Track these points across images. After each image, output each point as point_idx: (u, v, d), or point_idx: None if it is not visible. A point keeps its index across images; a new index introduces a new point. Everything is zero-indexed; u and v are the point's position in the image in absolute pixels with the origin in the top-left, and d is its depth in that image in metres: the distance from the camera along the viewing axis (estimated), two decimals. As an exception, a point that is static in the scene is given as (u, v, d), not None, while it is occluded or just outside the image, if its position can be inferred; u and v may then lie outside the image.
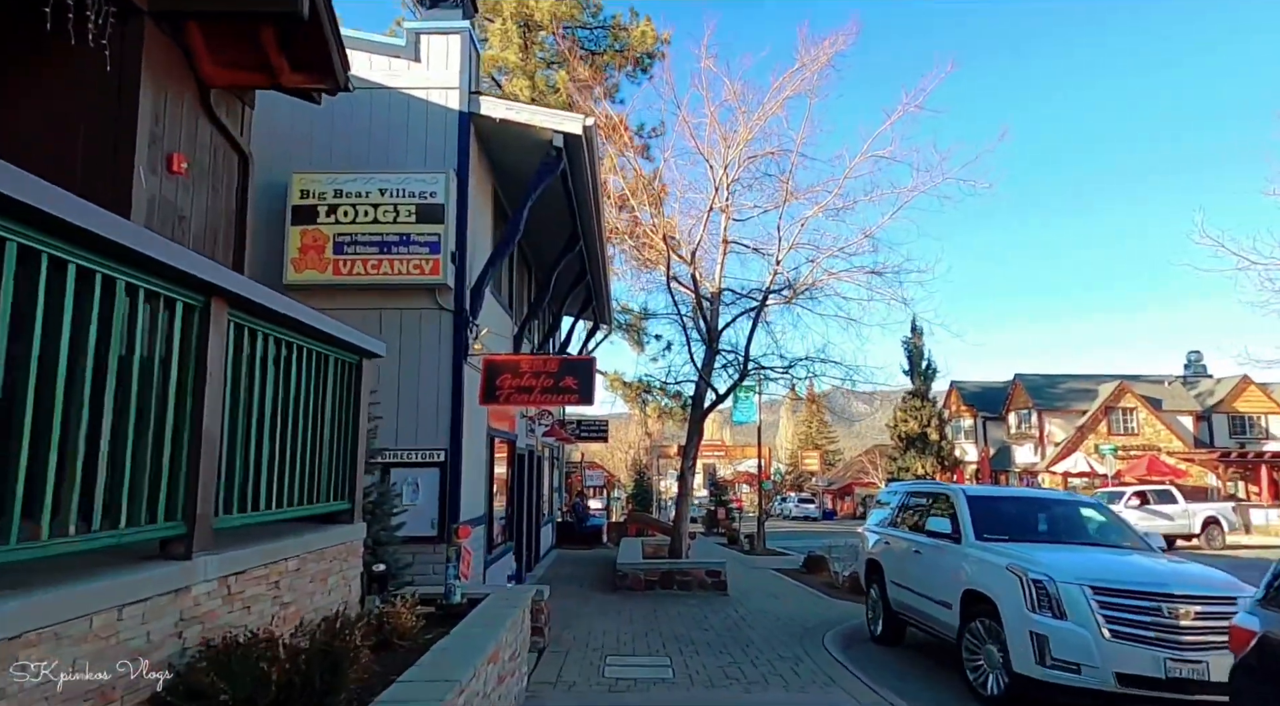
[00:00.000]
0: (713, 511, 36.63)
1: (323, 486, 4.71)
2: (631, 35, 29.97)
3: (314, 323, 4.35)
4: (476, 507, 9.26)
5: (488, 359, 8.45)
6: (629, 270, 20.17)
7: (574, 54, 24.94)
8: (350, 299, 8.35)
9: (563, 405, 8.70)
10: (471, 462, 9.01)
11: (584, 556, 17.79)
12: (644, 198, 15.53)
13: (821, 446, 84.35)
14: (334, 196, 8.19)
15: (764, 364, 13.62)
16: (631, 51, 29.46)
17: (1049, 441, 35.60)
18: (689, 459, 13.85)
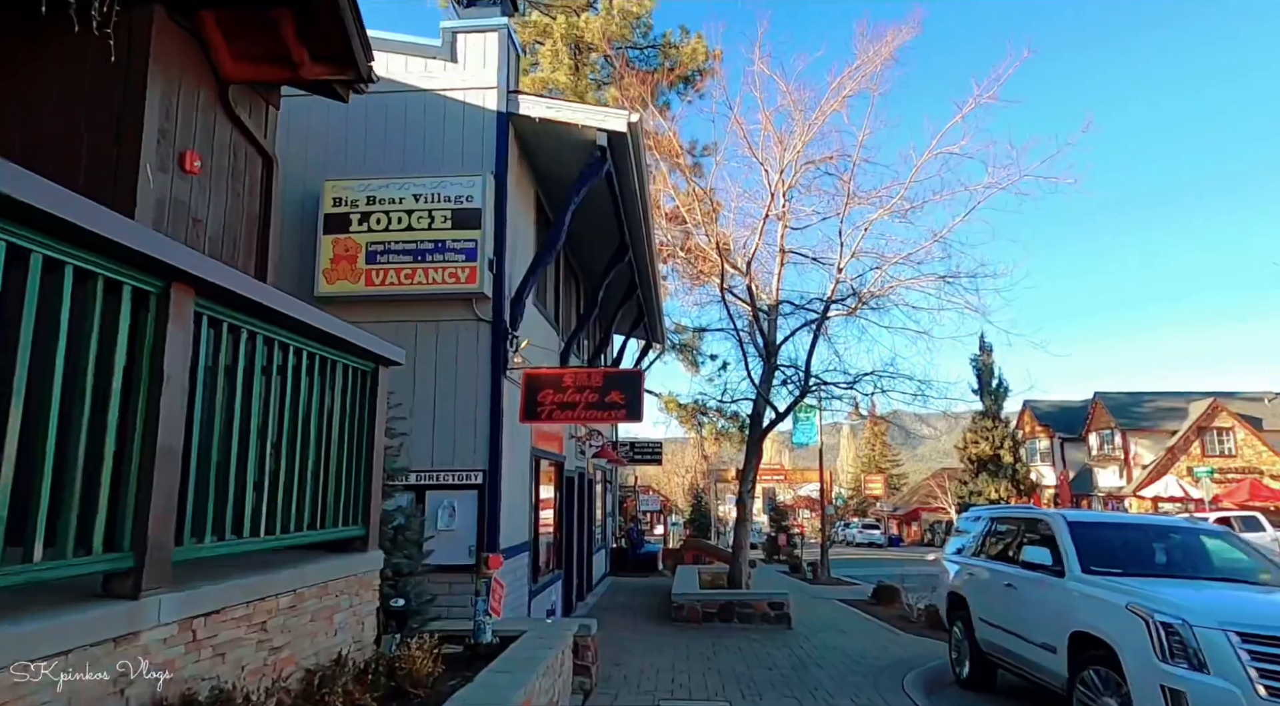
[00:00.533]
0: (773, 537, 35.31)
1: (329, 510, 4.14)
2: (681, 53, 29.65)
3: (315, 322, 3.81)
4: (519, 533, 8.64)
5: (528, 373, 7.88)
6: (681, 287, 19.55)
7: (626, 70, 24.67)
8: (383, 311, 7.90)
9: (610, 422, 8.07)
10: (513, 485, 8.42)
11: (638, 584, 17.01)
12: (697, 213, 14.92)
13: (885, 470, 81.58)
14: (366, 203, 7.79)
15: (826, 380, 12.74)
16: (682, 68, 29.09)
17: (1135, 463, 33.26)
18: (748, 482, 13.02)
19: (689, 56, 29.13)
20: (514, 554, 8.41)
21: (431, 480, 7.63)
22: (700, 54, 28.88)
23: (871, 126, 12.36)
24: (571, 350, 11.72)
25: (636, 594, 15.44)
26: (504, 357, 7.87)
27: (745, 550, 13.28)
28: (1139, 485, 31.49)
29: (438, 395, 7.80)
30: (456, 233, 7.71)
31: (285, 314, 3.54)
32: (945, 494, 40.94)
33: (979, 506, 10.04)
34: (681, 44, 30.15)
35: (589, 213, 10.83)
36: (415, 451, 7.68)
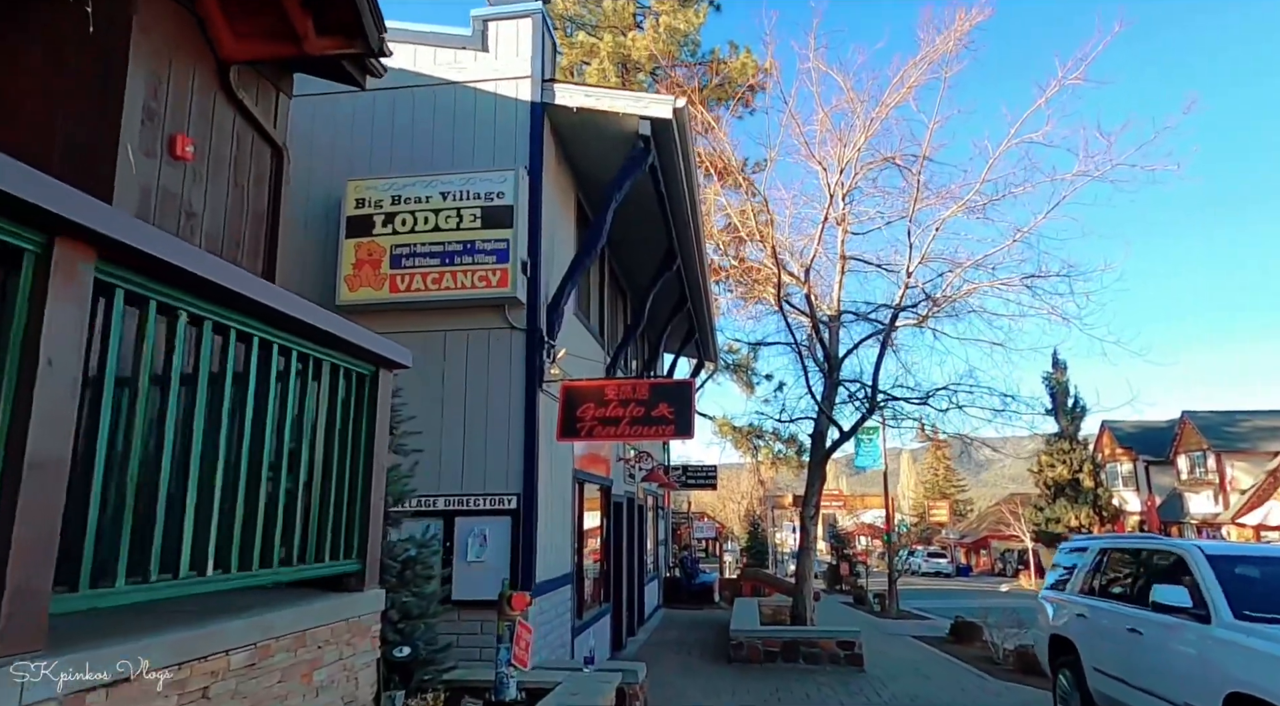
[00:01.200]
0: (834, 566, 33.68)
1: (312, 541, 3.39)
2: (731, 68, 29.07)
3: (292, 310, 3.09)
4: (559, 564, 7.82)
5: (566, 385, 7.10)
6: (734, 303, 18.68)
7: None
8: (409, 320, 7.26)
9: (658, 439, 7.24)
10: (553, 511, 7.62)
11: (693, 618, 15.96)
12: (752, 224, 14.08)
13: (950, 495, 78.37)
14: (391, 204, 7.18)
15: (896, 395, 11.64)
16: (732, 84, 28.50)
17: (1232, 488, 30.64)
18: (810, 506, 11.96)
19: (739, 71, 28.54)
20: (554, 588, 7.59)
21: (461, 505, 6.89)
22: (750, 68, 28.25)
23: (943, 114, 11.31)
24: (617, 367, 10.94)
25: (691, 628, 14.41)
26: (540, 369, 7.12)
27: (809, 581, 12.18)
28: (1238, 511, 28.93)
29: (468, 412, 7.09)
30: (486, 232, 7.04)
31: (247, 296, 2.83)
32: (1019, 520, 38.55)
33: (1083, 536, 8.77)
34: (730, 59, 29.60)
35: (634, 217, 10.11)
36: (444, 474, 6.98)
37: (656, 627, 14.40)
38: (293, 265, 7.45)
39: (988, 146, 11.14)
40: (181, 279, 2.54)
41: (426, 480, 6.96)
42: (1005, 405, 11.15)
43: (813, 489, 11.96)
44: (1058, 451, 33.75)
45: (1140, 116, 48.78)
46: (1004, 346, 12.34)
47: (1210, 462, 31.59)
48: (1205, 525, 31.46)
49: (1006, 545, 51.32)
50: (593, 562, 10.05)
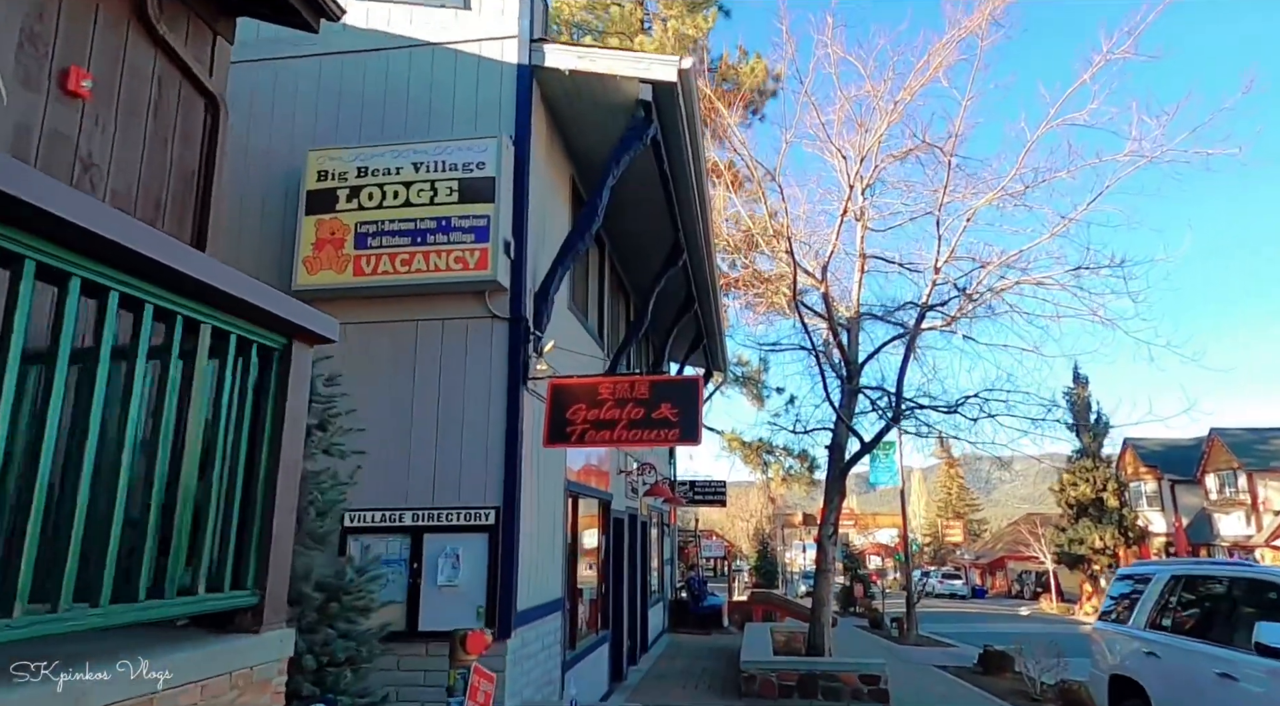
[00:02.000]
0: (848, 587, 32.44)
1: (176, 568, 2.48)
2: (741, 73, 28.39)
3: (156, 253, 2.20)
4: (547, 588, 6.87)
5: (555, 383, 6.20)
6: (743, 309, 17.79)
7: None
8: (376, 309, 6.38)
9: (659, 444, 6.33)
10: (540, 527, 6.69)
11: (701, 645, 14.90)
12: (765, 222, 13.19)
13: (964, 515, 76.77)
14: (357, 176, 6.33)
15: (921, 403, 10.66)
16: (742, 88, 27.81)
17: (1265, 508, 29.32)
18: (829, 525, 10.95)
19: (748, 75, 27.85)
20: (541, 616, 6.64)
21: (431, 520, 5.96)
22: (760, 72, 27.56)
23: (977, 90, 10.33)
24: (617, 372, 10.03)
25: (698, 656, 13.36)
26: (524, 364, 6.22)
27: (828, 606, 11.15)
28: (1273, 534, 27.64)
29: (442, 414, 6.18)
30: (464, 207, 6.17)
31: (85, 229, 1.93)
32: (1039, 541, 37.20)
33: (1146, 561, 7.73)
34: (740, 65, 28.94)
35: (636, 205, 9.26)
36: (413, 484, 6.08)
37: (661, 655, 13.36)
38: (250, 249, 6.62)
39: (1024, 130, 10.23)
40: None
41: (392, 491, 6.07)
42: (1048, 412, 10.13)
43: (831, 505, 10.96)
44: (1080, 469, 32.49)
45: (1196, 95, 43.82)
46: (1038, 352, 11.35)
47: (1241, 482, 30.30)
48: (1237, 548, 30.12)
49: (1024, 566, 49.83)
50: (589, 586, 9.09)
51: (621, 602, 10.90)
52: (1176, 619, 6.25)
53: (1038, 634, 23.39)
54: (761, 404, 27.75)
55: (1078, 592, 35.47)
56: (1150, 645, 6.35)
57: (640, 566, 12.97)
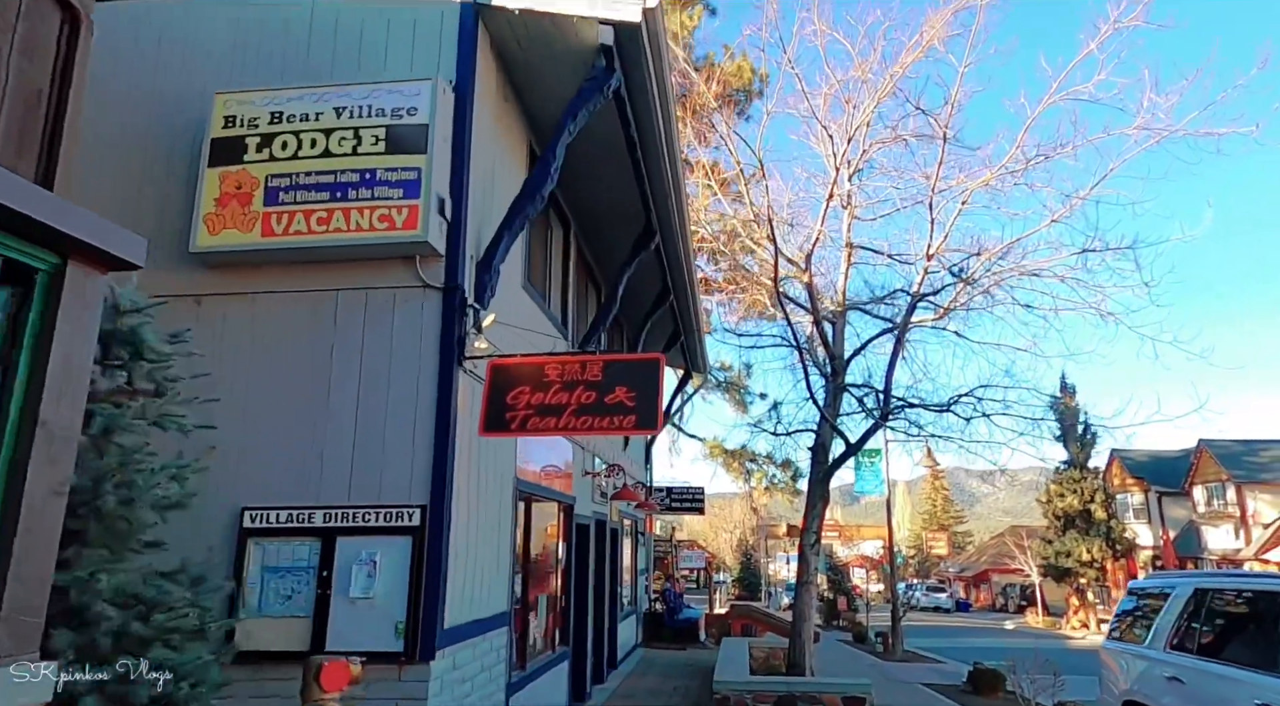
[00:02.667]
0: (831, 600, 31.64)
1: None
2: (726, 72, 27.79)
3: None
4: (489, 600, 6.01)
5: (495, 363, 5.36)
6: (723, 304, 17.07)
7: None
8: (291, 276, 5.54)
9: (613, 432, 5.51)
10: (480, 531, 5.85)
11: (675, 660, 14.02)
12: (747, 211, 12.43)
13: (949, 527, 76.35)
14: (270, 122, 5.50)
15: (911, 402, 9.88)
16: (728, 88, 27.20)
17: (1254, 521, 28.84)
18: (812, 533, 10.15)
19: (734, 75, 27.26)
20: (480, 632, 5.79)
21: (346, 521, 5.10)
22: (746, 73, 27.02)
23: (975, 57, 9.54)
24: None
25: (671, 673, 12.49)
26: (459, 341, 5.38)
27: (809, 621, 10.33)
28: (1262, 547, 27.12)
29: (363, 398, 5.33)
30: (392, 159, 5.34)
31: None
32: (1025, 554, 36.60)
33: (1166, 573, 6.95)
34: (725, 64, 28.34)
35: (602, 182, 8.51)
36: (326, 480, 5.22)
37: (631, 672, 12.48)
38: (152, 206, 5.76)
39: (1025, 106, 9.49)
40: None
41: (302, 487, 5.21)
42: (1049, 409, 9.36)
43: (813, 511, 10.16)
44: (1068, 480, 31.94)
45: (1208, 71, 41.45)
46: (1034, 350, 10.62)
47: (1230, 494, 29.82)
48: (1225, 561, 29.61)
49: (1009, 579, 49.29)
50: (545, 598, 8.23)
51: (586, 616, 10.03)
52: (1203, 639, 5.48)
53: (1027, 649, 22.62)
54: (744, 409, 26.97)
55: (1064, 606, 34.87)
56: (1172, 668, 5.58)
57: (609, 576, 12.10)
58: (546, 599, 8.27)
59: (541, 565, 8.14)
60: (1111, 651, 6.77)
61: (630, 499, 9.66)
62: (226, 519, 5.13)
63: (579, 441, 9.57)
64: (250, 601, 5.01)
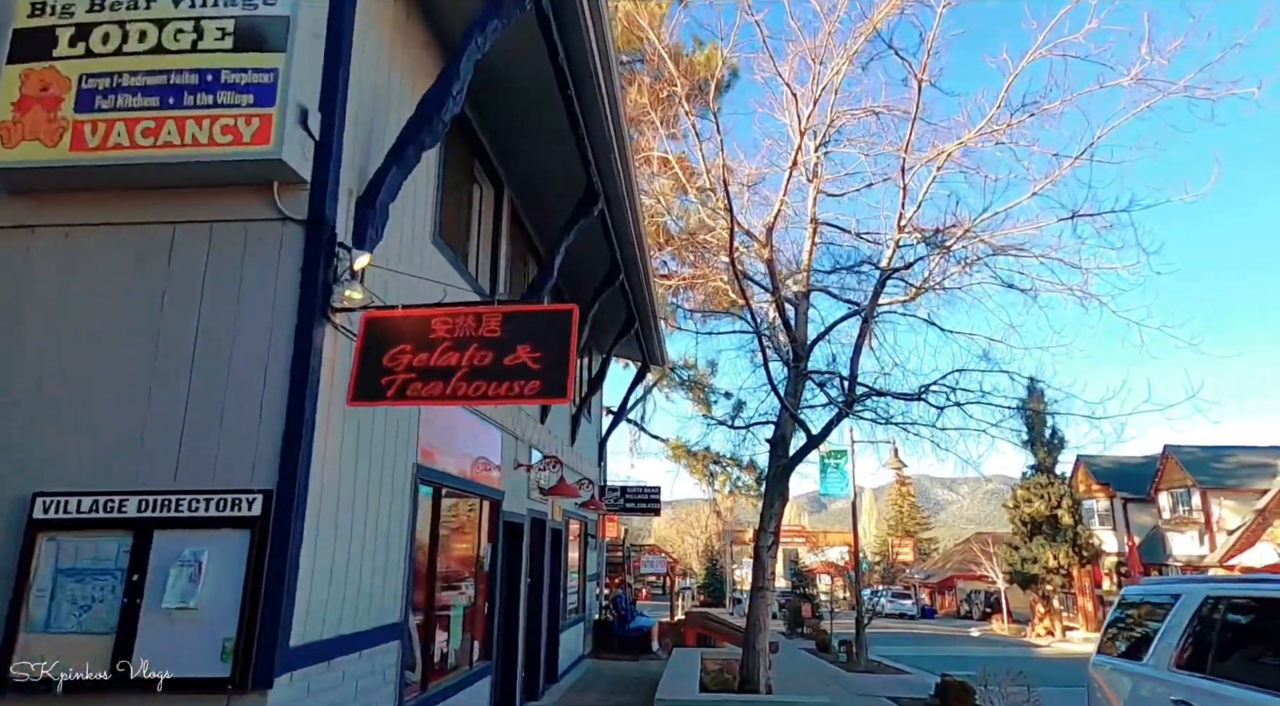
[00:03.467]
0: (796, 607, 30.81)
1: None
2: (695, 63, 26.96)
3: None
4: (372, 610, 4.95)
5: (370, 316, 4.32)
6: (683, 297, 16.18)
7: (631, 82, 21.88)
8: (112, 205, 4.44)
9: (512, 400, 4.48)
10: (358, 524, 4.80)
11: (624, 673, 12.99)
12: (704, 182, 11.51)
13: (914, 533, 76.34)
14: (89, 9, 4.40)
15: (880, 390, 8.98)
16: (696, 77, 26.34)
17: (1219, 527, 28.63)
18: (768, 534, 9.21)
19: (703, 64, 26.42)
20: (357, 648, 4.75)
21: (166, 509, 4.00)
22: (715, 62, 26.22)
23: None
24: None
25: (617, 688, 11.46)
26: (324, 288, 4.32)
27: (765, 631, 9.37)
28: (1227, 553, 26.87)
29: (200, 357, 4.24)
30: (241, 58, 4.28)
31: None
32: (991, 560, 36.20)
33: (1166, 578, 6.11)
34: (695, 54, 27.52)
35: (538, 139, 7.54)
36: (145, 459, 4.13)
37: (573, 686, 11.42)
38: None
39: (1008, 62, 8.60)
40: None
41: (116, 467, 4.12)
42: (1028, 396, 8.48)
43: (771, 511, 9.23)
44: (1035, 486, 31.54)
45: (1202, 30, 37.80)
46: (1007, 342, 9.82)
47: (1195, 500, 29.61)
48: (1189, 567, 29.37)
49: (974, 586, 49.10)
50: (463, 605, 7.16)
51: (516, 625, 8.98)
52: (1218, 656, 4.61)
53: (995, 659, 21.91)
54: (708, 409, 26.14)
55: (1029, 613, 34.49)
56: (1180, 690, 4.70)
57: (550, 581, 11.05)
58: (464, 607, 7.21)
59: (456, 567, 7.08)
60: (1102, 669, 5.90)
61: (568, 495, 8.65)
62: (10, 508, 4.01)
63: (511, 429, 8.54)
64: (36, 614, 3.89)
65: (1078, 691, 16.08)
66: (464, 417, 6.92)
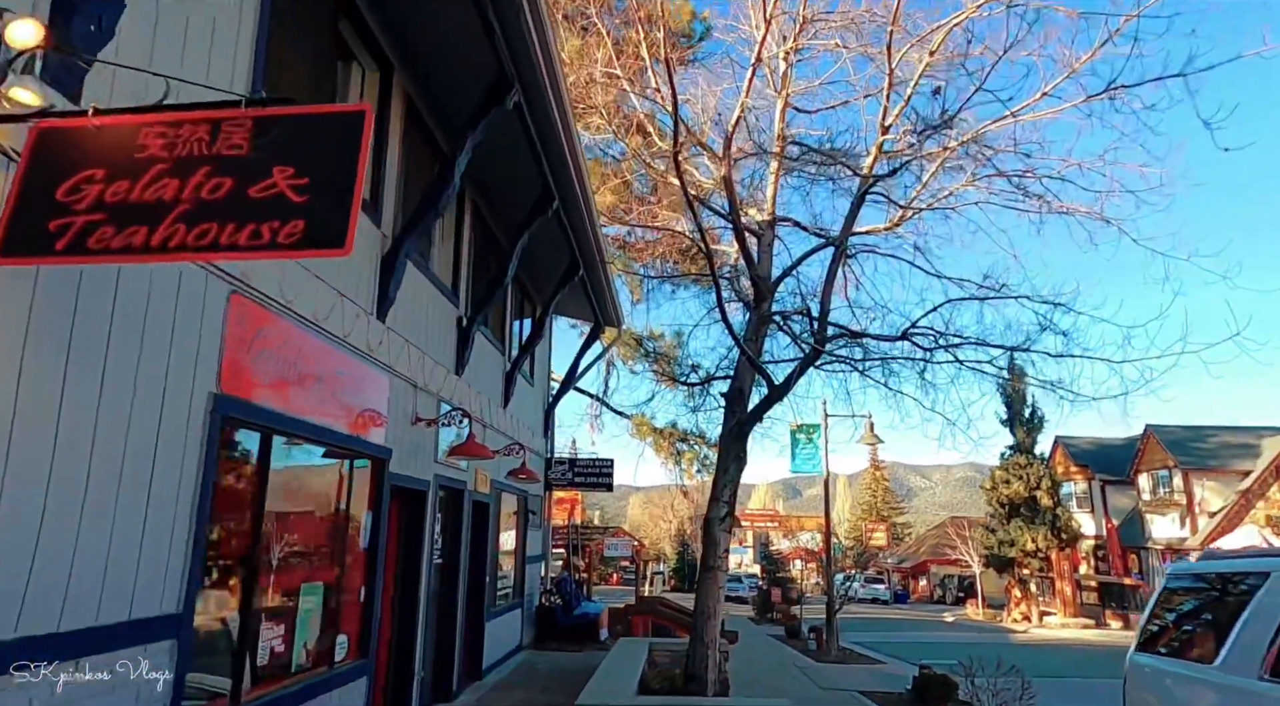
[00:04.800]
0: (766, 592, 29.60)
1: None
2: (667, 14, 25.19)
3: None
4: (119, 597, 3.36)
5: (46, 126, 2.67)
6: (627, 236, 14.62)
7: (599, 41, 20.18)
8: None
9: (261, 255, 2.91)
10: (82, 473, 3.17)
11: (566, 665, 11.49)
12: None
13: (888, 518, 75.94)
14: None
15: (856, 331, 7.46)
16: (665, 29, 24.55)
17: (1201, 509, 27.76)
18: (722, 502, 7.71)
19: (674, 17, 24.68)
20: (88, 651, 3.13)
21: None
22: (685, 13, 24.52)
23: None
24: (403, 255, 6.59)
25: (552, 685, 9.95)
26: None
27: (715, 617, 7.88)
28: (1208, 536, 25.94)
29: None
30: None
31: None
32: (967, 544, 35.24)
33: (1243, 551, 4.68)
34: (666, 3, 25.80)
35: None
36: None
37: (499, 685, 9.88)
38: None
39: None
40: None
41: None
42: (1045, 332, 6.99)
43: (725, 476, 7.73)
44: (1014, 466, 30.49)
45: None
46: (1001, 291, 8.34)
47: (1177, 481, 28.71)
48: (1170, 551, 28.51)
49: (947, 571, 48.42)
50: (323, 587, 5.55)
51: (416, 614, 7.39)
52: None
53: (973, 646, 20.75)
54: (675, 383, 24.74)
55: (1004, 598, 33.62)
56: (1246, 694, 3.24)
57: (471, 562, 9.48)
58: (324, 590, 5.61)
59: (311, 541, 5.47)
60: (1149, 670, 4.46)
61: (477, 455, 7.08)
62: None
63: (406, 374, 6.92)
64: None
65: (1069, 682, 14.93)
66: (319, 345, 5.30)
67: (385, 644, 7.04)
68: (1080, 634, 27.30)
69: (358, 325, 5.87)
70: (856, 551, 63.38)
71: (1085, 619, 29.92)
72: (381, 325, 6.37)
